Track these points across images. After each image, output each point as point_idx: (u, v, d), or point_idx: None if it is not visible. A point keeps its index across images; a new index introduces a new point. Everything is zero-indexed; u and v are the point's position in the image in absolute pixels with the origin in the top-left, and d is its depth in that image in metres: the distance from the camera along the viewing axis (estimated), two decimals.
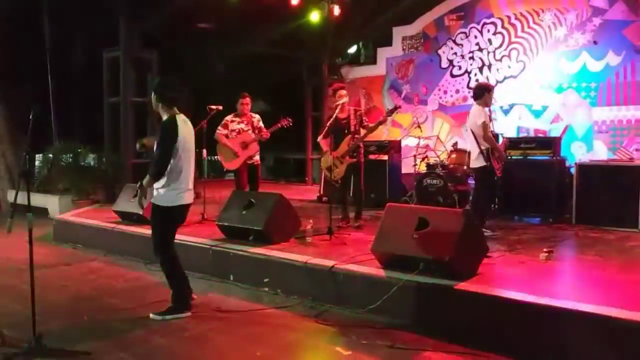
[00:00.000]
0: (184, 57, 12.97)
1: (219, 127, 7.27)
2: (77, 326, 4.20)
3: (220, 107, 7.28)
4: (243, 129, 7.26)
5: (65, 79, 11.97)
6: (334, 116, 6.49)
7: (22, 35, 11.32)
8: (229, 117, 7.31)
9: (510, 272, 4.54)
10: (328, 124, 6.51)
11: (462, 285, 4.02)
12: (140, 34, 10.16)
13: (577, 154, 9.24)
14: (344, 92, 6.68)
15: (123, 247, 6.78)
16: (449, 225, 4.26)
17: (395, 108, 6.77)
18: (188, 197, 4.45)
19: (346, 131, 6.67)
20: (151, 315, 4.34)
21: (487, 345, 3.66)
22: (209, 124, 7.24)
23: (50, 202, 9.75)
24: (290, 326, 4.21)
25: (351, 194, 6.98)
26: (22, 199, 3.73)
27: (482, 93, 6.15)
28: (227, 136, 7.23)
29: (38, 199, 9.68)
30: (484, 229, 6.13)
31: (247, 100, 7.32)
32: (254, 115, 7.41)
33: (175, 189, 4.33)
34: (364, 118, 6.79)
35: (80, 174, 10.03)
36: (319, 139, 6.82)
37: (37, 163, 10.79)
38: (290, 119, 7.23)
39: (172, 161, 4.27)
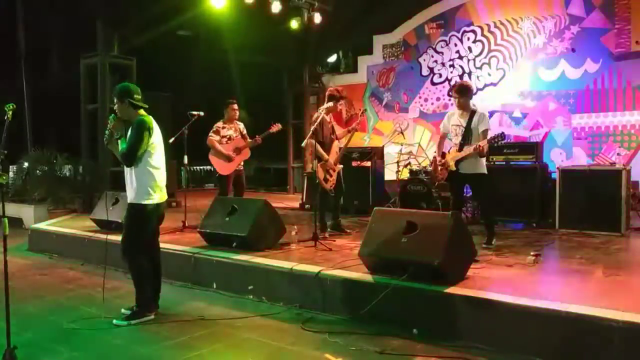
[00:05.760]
0: (164, 64, 12.82)
1: (211, 134, 7.21)
2: (54, 337, 4.03)
3: (202, 114, 7.19)
4: (232, 135, 7.25)
5: (40, 86, 11.72)
6: (318, 121, 6.25)
7: None
8: (219, 124, 7.28)
9: (498, 275, 4.49)
10: (313, 129, 6.13)
11: (452, 289, 3.97)
12: (119, 40, 10.00)
13: (557, 160, 9.34)
14: (342, 101, 6.67)
15: (101, 256, 6.57)
16: (438, 229, 4.21)
17: (363, 111, 6.78)
18: (163, 196, 4.47)
19: (332, 135, 6.56)
20: (115, 322, 4.23)
21: (478, 349, 3.61)
22: (190, 131, 7.15)
23: (25, 212, 9.47)
24: (277, 334, 4.10)
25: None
26: None
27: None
28: (219, 142, 7.18)
29: (12, 209, 9.39)
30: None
31: (236, 106, 7.35)
32: (238, 122, 7.43)
33: (153, 187, 4.33)
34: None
35: (56, 183, 9.79)
36: (308, 143, 6.36)
37: (10, 174, 10.49)
38: (279, 125, 7.27)
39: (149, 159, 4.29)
